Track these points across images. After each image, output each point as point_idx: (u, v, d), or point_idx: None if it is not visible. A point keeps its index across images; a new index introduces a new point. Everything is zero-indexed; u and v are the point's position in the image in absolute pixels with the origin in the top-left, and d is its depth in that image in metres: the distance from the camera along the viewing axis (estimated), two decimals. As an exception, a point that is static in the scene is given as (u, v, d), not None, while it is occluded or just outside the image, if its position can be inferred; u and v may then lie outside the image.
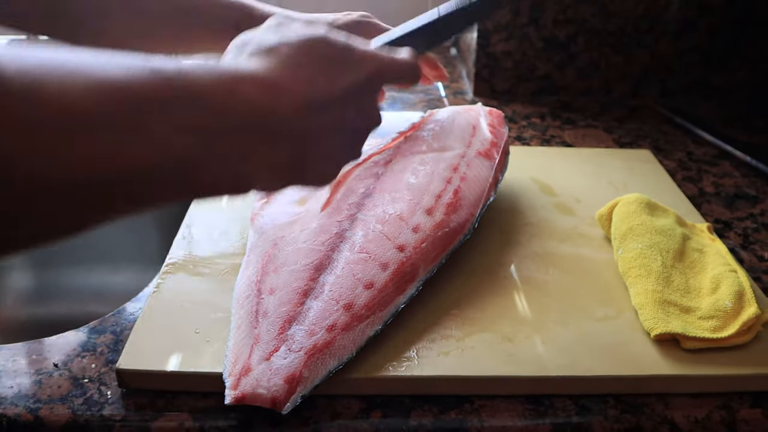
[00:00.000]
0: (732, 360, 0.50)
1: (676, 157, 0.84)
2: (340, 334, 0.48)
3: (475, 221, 0.59)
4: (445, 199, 0.58)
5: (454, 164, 0.62)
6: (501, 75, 1.01)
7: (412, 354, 0.49)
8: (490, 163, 0.64)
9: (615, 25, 0.96)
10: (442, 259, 0.55)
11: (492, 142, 0.67)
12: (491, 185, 0.62)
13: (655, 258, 0.56)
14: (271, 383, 0.45)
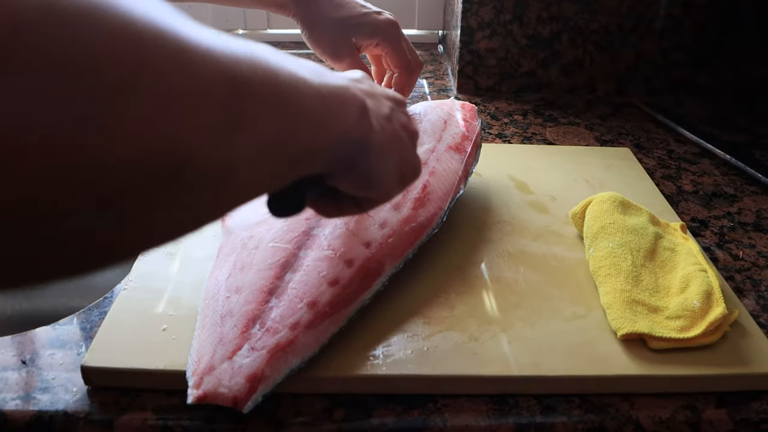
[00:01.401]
0: (698, 360, 0.49)
1: (656, 155, 0.84)
2: (303, 332, 0.48)
3: (444, 215, 0.59)
4: (412, 194, 0.58)
5: (424, 159, 0.62)
6: (485, 72, 1.00)
7: (377, 353, 0.49)
8: (461, 156, 0.64)
9: (599, 22, 0.96)
10: (409, 254, 0.55)
11: (463, 135, 0.67)
12: (461, 178, 0.63)
13: (625, 257, 0.56)
14: (232, 382, 0.44)
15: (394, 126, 0.42)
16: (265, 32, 1.21)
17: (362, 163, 0.39)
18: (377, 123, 0.39)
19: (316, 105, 0.33)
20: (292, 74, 0.31)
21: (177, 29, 0.24)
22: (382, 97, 0.43)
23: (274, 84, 0.29)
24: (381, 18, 0.69)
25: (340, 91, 0.36)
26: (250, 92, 0.28)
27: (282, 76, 0.30)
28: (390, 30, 0.69)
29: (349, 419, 0.47)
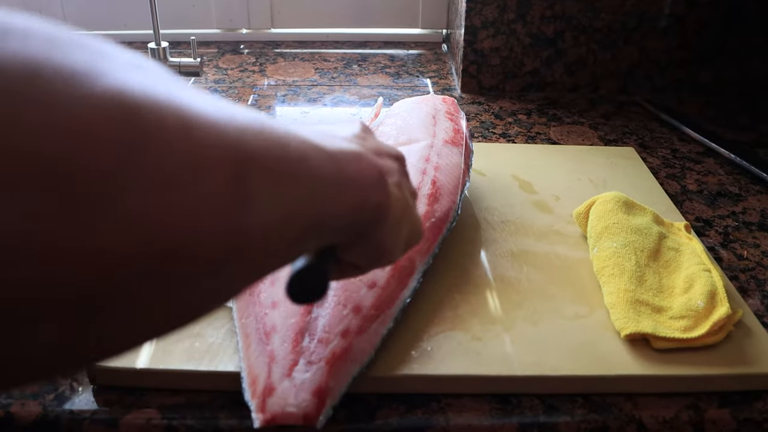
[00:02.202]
0: (702, 360, 0.49)
1: (660, 155, 0.84)
2: (355, 338, 0.47)
3: (458, 207, 0.60)
4: (425, 191, 0.59)
5: (425, 155, 0.62)
6: (488, 71, 1.00)
7: (382, 353, 0.49)
8: (458, 149, 0.65)
9: (603, 21, 0.96)
10: (434, 248, 0.56)
11: (454, 129, 0.67)
12: (464, 171, 0.63)
13: (629, 257, 0.56)
14: (299, 399, 0.43)
15: (404, 192, 0.40)
16: (268, 31, 1.22)
17: (377, 234, 0.36)
18: (393, 190, 0.37)
19: (332, 170, 0.31)
20: (304, 140, 0.29)
21: (177, 100, 0.22)
22: (388, 157, 0.41)
23: (283, 154, 0.27)
24: None
25: (355, 156, 0.34)
26: (258, 167, 0.25)
27: (293, 144, 0.28)
28: None
29: (352, 419, 0.47)
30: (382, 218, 0.36)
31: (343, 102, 0.98)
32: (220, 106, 0.25)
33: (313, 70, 1.10)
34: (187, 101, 0.23)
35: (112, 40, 0.23)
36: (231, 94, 1.00)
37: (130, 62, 0.22)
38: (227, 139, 0.24)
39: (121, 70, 0.21)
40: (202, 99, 0.24)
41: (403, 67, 1.11)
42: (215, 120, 0.24)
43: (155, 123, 0.21)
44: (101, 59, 0.21)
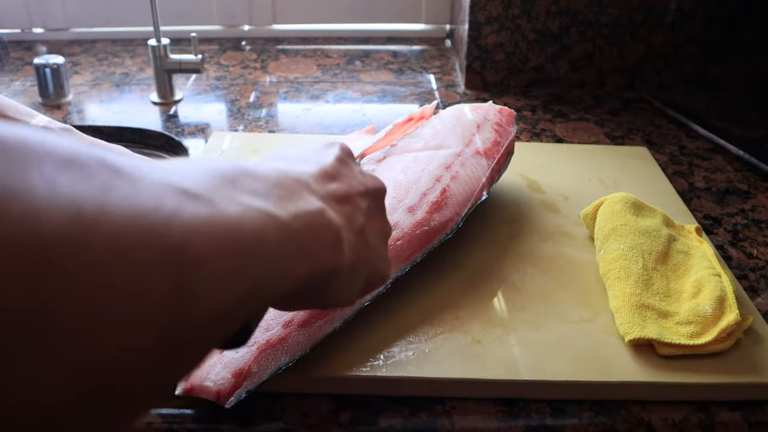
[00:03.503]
0: (709, 368, 0.48)
1: (667, 151, 0.83)
2: (295, 330, 0.47)
3: (460, 221, 0.58)
4: (430, 198, 0.57)
5: (448, 163, 0.61)
6: (493, 67, 0.99)
7: (380, 354, 0.49)
8: (488, 162, 0.63)
9: (609, 16, 0.95)
10: (417, 258, 0.54)
11: (495, 141, 0.65)
12: (484, 185, 0.61)
13: (636, 260, 0.55)
14: (218, 376, 0.45)
15: (368, 237, 0.38)
16: (270, 28, 1.21)
17: (327, 289, 0.35)
18: (349, 247, 0.35)
19: (285, 246, 0.29)
20: (260, 212, 0.27)
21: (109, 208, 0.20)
22: (358, 195, 0.38)
23: (235, 244, 0.25)
24: None
25: (313, 218, 0.32)
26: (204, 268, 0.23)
27: (246, 223, 0.26)
28: None
29: (355, 421, 0.46)
30: (333, 277, 0.34)
31: (346, 99, 0.97)
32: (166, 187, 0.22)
33: (315, 67, 1.09)
34: (122, 203, 0.20)
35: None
36: (232, 91, 0.99)
37: (62, 159, 0.19)
38: (169, 244, 0.21)
39: (44, 181, 0.18)
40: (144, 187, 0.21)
41: (407, 63, 1.10)
42: (156, 220, 0.21)
43: (76, 255, 0.18)
44: (19, 166, 0.18)
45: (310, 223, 0.32)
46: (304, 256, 0.31)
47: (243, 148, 0.79)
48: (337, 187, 0.37)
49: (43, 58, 0.93)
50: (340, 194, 0.37)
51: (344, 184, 0.38)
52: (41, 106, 0.94)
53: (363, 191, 0.39)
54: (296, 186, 0.33)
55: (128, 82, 1.02)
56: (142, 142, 0.89)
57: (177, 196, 0.23)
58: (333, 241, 0.34)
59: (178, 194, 0.23)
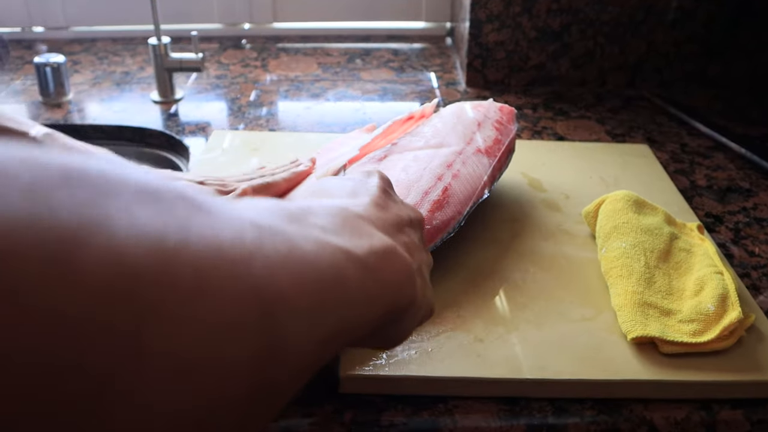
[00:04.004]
0: (712, 366, 0.48)
1: (668, 149, 0.83)
2: None
3: (462, 220, 0.57)
4: (432, 196, 0.57)
5: (449, 161, 0.61)
6: (493, 65, 0.99)
7: (383, 353, 0.49)
8: (489, 160, 0.63)
9: (610, 14, 0.95)
10: None
11: (495, 139, 0.65)
12: (486, 183, 0.61)
13: (638, 258, 0.55)
14: None
15: (424, 274, 0.37)
16: (271, 26, 1.20)
17: (398, 325, 0.34)
18: (421, 289, 0.34)
19: (366, 283, 0.28)
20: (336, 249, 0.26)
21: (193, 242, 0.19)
22: (409, 226, 0.38)
23: (317, 283, 0.24)
24: None
25: (387, 254, 0.31)
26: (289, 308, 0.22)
27: (325, 262, 0.25)
28: None
29: (358, 420, 0.46)
30: (404, 314, 0.34)
31: (347, 97, 0.97)
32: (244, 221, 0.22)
33: (315, 65, 1.09)
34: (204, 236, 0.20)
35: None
36: (233, 89, 0.99)
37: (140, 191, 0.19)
38: (252, 278, 0.21)
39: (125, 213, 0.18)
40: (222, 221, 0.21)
41: (407, 62, 1.10)
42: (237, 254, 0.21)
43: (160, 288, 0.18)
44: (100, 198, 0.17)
45: (386, 260, 0.31)
46: (384, 293, 0.30)
47: (244, 146, 0.78)
48: (391, 219, 0.36)
49: (44, 56, 0.93)
50: (394, 223, 0.36)
51: (394, 215, 0.37)
52: (42, 105, 0.93)
53: (408, 221, 0.38)
54: (361, 222, 0.32)
55: (129, 81, 1.02)
56: (143, 140, 0.89)
57: (255, 230, 0.22)
58: (408, 277, 0.33)
59: (256, 228, 0.22)
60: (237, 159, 0.76)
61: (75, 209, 0.16)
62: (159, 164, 0.88)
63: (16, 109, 0.93)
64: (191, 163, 0.80)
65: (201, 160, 0.75)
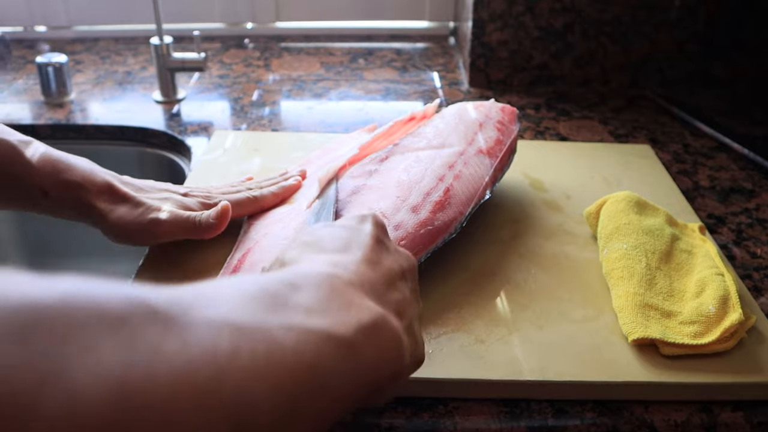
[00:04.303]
0: (713, 367, 0.48)
1: (671, 150, 0.83)
2: None
3: (464, 220, 0.57)
4: (433, 197, 0.57)
5: (451, 162, 0.61)
6: (496, 65, 0.99)
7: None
8: (491, 161, 0.62)
9: (612, 13, 0.94)
10: (421, 257, 0.54)
11: (497, 139, 0.65)
12: (487, 184, 0.61)
13: (639, 259, 0.54)
14: None
15: (415, 332, 0.36)
16: (273, 25, 1.20)
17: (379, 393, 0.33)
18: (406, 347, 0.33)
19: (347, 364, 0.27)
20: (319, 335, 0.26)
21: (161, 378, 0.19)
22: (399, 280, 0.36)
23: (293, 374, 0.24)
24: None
25: (375, 328, 0.30)
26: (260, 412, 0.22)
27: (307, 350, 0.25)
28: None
29: (358, 421, 0.46)
30: (391, 384, 0.32)
31: (349, 97, 0.97)
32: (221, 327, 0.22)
33: (318, 65, 1.09)
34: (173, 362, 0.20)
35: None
36: (235, 89, 0.99)
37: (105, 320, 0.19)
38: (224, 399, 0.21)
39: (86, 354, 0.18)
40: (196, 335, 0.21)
41: (410, 61, 1.10)
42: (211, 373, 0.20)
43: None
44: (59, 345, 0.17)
45: (374, 335, 0.30)
46: (370, 371, 0.29)
47: (245, 147, 0.78)
48: (383, 277, 0.35)
49: (46, 56, 0.93)
50: (385, 281, 0.35)
51: (386, 271, 0.36)
52: (44, 104, 0.94)
53: (401, 273, 0.37)
54: (350, 292, 0.31)
55: (131, 81, 1.02)
56: (144, 140, 0.89)
57: (232, 335, 0.22)
58: (396, 348, 0.32)
59: (233, 332, 0.22)
60: (238, 159, 0.76)
61: (31, 364, 0.16)
62: (161, 165, 0.88)
63: (18, 108, 0.93)
64: (193, 163, 0.80)
65: (202, 161, 0.75)
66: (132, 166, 0.91)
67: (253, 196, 0.60)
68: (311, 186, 0.61)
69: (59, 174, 0.52)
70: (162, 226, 0.53)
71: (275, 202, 0.61)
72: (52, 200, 0.52)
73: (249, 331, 0.23)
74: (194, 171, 0.74)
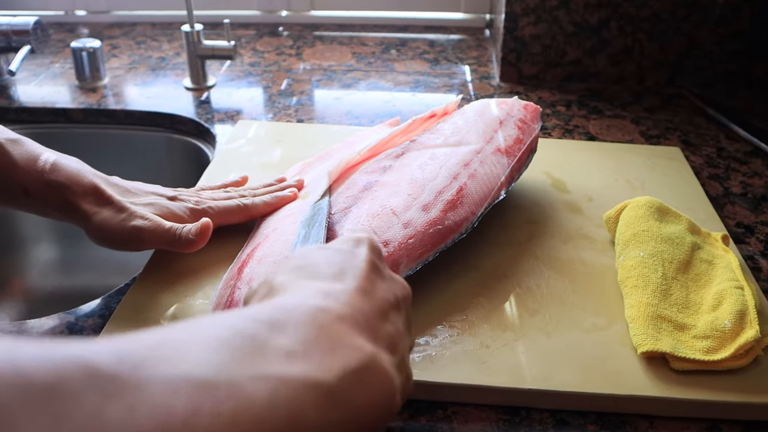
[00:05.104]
0: (724, 385, 0.46)
1: (704, 153, 0.80)
2: None
3: (475, 221, 0.56)
4: (445, 196, 0.56)
5: (466, 160, 0.60)
6: (529, 60, 0.97)
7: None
8: (508, 160, 0.61)
9: (651, 10, 0.91)
10: (428, 257, 0.53)
11: (517, 138, 0.64)
12: (503, 184, 0.60)
13: (655, 268, 0.53)
14: None
15: (407, 367, 0.34)
16: (308, 14, 1.20)
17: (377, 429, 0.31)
18: (400, 389, 0.31)
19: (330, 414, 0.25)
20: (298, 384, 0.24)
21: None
22: (395, 310, 0.34)
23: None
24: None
25: (364, 372, 0.28)
26: None
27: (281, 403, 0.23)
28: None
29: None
30: (383, 423, 0.30)
31: (378, 88, 0.97)
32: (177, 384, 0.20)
33: (350, 55, 1.08)
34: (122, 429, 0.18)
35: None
36: (265, 78, 0.99)
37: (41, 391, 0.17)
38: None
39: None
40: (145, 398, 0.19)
41: (443, 53, 1.09)
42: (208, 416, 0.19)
43: None
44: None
45: (361, 379, 0.27)
46: (356, 414, 0.27)
47: (268, 137, 0.79)
48: (376, 308, 0.33)
49: (80, 41, 0.95)
50: (379, 313, 0.33)
51: (380, 301, 0.34)
52: (77, 88, 0.95)
53: (395, 303, 0.35)
54: (339, 330, 0.29)
55: (163, 67, 1.03)
56: (173, 127, 0.90)
57: (190, 394, 0.20)
58: (386, 391, 0.29)
59: (191, 391, 0.20)
60: (260, 149, 0.76)
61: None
62: (188, 151, 0.89)
63: (52, 92, 0.95)
64: (216, 151, 0.80)
65: (224, 150, 0.76)
66: (160, 151, 0.92)
67: (244, 204, 0.59)
68: (321, 179, 0.61)
69: (43, 174, 0.52)
70: (143, 234, 0.53)
71: (266, 211, 0.60)
72: (35, 200, 0.52)
73: (212, 386, 0.21)
74: (215, 160, 0.75)
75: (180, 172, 0.91)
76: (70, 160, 0.55)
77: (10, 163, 0.51)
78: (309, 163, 0.69)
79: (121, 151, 0.92)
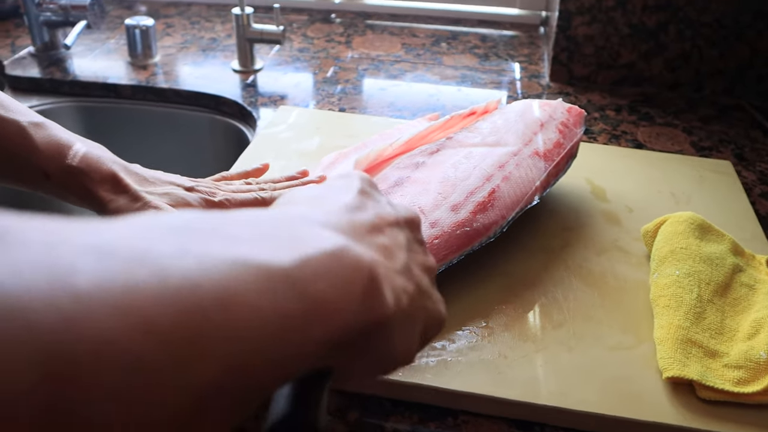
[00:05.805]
0: (754, 420, 0.44)
1: (758, 169, 0.76)
2: None
3: (505, 225, 0.55)
4: (476, 197, 0.55)
5: (502, 162, 0.58)
6: (580, 60, 0.94)
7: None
8: (546, 164, 0.59)
9: (713, 14, 0.87)
10: (453, 259, 0.52)
11: (557, 142, 0.62)
12: (537, 189, 0.58)
13: (690, 289, 0.50)
14: None
15: (416, 278, 0.32)
16: (362, 2, 1.19)
17: (379, 347, 0.28)
18: (395, 290, 0.29)
19: (286, 305, 0.23)
20: (239, 265, 0.22)
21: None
22: (390, 226, 0.32)
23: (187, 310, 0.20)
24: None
25: (330, 259, 0.25)
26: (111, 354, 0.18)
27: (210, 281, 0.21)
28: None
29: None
30: (379, 332, 0.28)
31: (424, 80, 0.95)
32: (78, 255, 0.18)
33: (399, 45, 1.07)
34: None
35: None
36: (313, 64, 0.99)
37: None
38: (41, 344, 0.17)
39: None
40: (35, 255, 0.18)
41: (493, 49, 1.06)
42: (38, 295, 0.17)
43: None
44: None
45: (325, 267, 0.25)
46: (322, 311, 0.24)
47: (308, 124, 0.78)
48: (366, 220, 0.30)
49: (135, 19, 0.96)
50: (369, 224, 0.30)
51: (372, 216, 0.31)
52: (129, 65, 0.97)
53: (395, 221, 0.33)
54: (302, 225, 0.26)
55: (214, 48, 1.04)
56: (217, 108, 0.91)
57: (90, 259, 0.18)
58: (365, 285, 0.26)
59: (93, 258, 0.19)
60: (299, 136, 0.76)
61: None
62: (230, 133, 0.90)
63: (105, 67, 0.97)
64: (255, 135, 0.80)
65: (263, 134, 0.76)
66: (203, 132, 0.93)
67: (262, 198, 0.58)
68: (348, 167, 0.60)
69: (64, 159, 0.52)
70: None
71: None
72: (55, 184, 0.53)
73: (125, 257, 0.19)
74: (253, 144, 0.75)
75: (221, 153, 0.92)
76: (93, 147, 0.55)
77: (32, 147, 0.52)
78: (344, 153, 0.69)
79: (164, 128, 0.93)
